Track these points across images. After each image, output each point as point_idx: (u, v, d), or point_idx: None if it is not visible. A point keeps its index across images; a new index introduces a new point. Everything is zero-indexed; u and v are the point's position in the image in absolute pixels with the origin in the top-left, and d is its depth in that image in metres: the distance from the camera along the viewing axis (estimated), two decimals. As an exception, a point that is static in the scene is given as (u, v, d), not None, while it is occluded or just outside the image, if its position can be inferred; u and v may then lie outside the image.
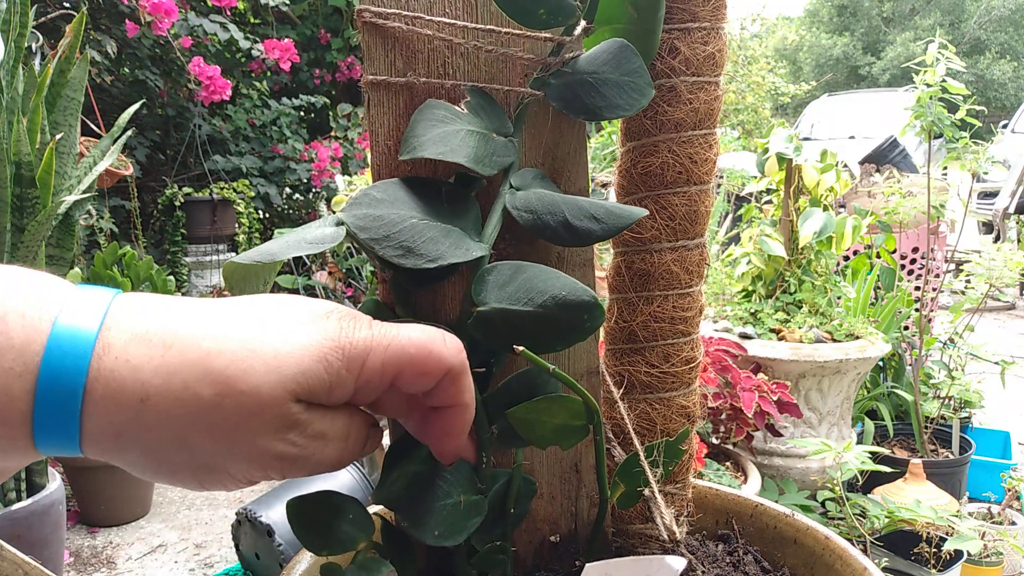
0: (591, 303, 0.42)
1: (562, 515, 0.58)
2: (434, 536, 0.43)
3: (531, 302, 0.42)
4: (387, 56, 0.48)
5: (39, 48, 2.17)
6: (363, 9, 0.47)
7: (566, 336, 0.43)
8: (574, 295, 0.42)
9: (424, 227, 0.42)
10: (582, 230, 0.45)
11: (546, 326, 0.42)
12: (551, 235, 0.45)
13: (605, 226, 0.45)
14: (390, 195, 0.43)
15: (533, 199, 0.46)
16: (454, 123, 0.45)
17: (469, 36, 0.49)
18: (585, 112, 0.48)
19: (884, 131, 4.32)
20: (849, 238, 1.84)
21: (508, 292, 0.43)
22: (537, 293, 0.42)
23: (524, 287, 0.43)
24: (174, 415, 0.30)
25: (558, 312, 0.42)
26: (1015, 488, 1.61)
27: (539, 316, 0.42)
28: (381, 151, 0.48)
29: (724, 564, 0.61)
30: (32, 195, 1.31)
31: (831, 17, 20.33)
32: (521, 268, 0.43)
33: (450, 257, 0.41)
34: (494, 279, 0.43)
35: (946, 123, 1.83)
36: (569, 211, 0.45)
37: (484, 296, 0.43)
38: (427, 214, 0.43)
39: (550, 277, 0.43)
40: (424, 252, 0.41)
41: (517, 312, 0.42)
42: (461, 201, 0.46)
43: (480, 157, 0.45)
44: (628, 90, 0.48)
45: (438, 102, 0.46)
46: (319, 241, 0.42)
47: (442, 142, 0.44)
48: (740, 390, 1.50)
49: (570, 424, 0.47)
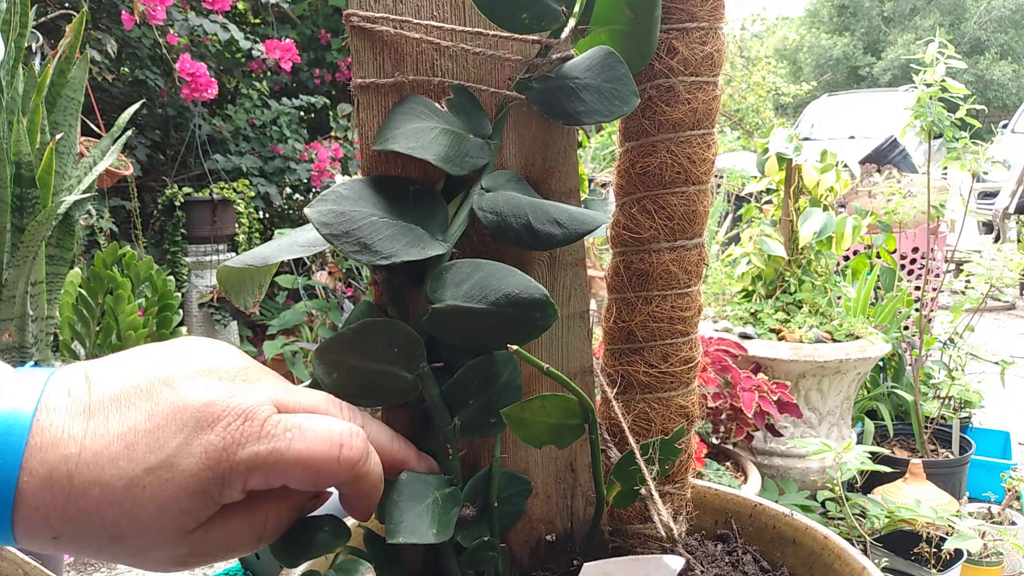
0: (543, 301, 0.42)
1: (558, 514, 0.58)
2: (433, 535, 0.43)
3: (484, 299, 0.43)
4: (375, 59, 0.48)
5: (39, 48, 2.17)
6: (351, 13, 0.47)
7: (518, 333, 0.44)
8: (526, 292, 0.43)
9: (383, 225, 0.43)
10: (543, 234, 0.46)
11: (497, 323, 0.43)
12: (514, 237, 0.46)
13: (566, 231, 0.46)
14: (356, 193, 0.44)
15: (500, 201, 0.47)
16: (429, 120, 0.46)
17: (457, 39, 0.49)
18: (563, 116, 0.49)
19: (884, 131, 4.32)
20: (849, 238, 1.84)
21: (464, 290, 0.43)
22: (491, 291, 0.43)
23: (479, 285, 0.43)
24: (85, 548, 0.34)
25: (510, 310, 0.43)
26: (1015, 488, 1.61)
27: (491, 313, 0.43)
28: (370, 154, 0.49)
29: (723, 564, 0.61)
30: (32, 195, 1.31)
31: (831, 17, 20.34)
32: (479, 266, 0.44)
33: (403, 255, 0.42)
34: (451, 277, 0.44)
35: (946, 123, 1.83)
36: (533, 215, 0.46)
37: (440, 293, 0.44)
38: (390, 213, 0.44)
39: (505, 275, 0.43)
40: (379, 249, 0.42)
41: (470, 309, 0.43)
42: (428, 201, 0.46)
43: (450, 156, 0.45)
44: (610, 97, 0.49)
45: (419, 97, 0.47)
46: (312, 244, 0.42)
47: (413, 137, 0.44)
48: (740, 390, 1.50)
49: (565, 423, 0.47)
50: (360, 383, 0.44)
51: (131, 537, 0.33)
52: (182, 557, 0.35)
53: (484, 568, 0.50)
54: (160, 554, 0.34)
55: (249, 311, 0.43)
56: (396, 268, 0.44)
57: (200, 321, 3.18)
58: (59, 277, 1.46)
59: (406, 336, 0.44)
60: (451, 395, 0.47)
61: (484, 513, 0.50)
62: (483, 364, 0.46)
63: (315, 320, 3.05)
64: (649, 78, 0.59)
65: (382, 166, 0.49)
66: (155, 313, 1.68)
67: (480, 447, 0.53)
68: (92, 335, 1.59)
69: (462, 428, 0.47)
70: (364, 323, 0.43)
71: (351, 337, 0.43)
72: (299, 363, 2.90)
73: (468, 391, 0.46)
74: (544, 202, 0.47)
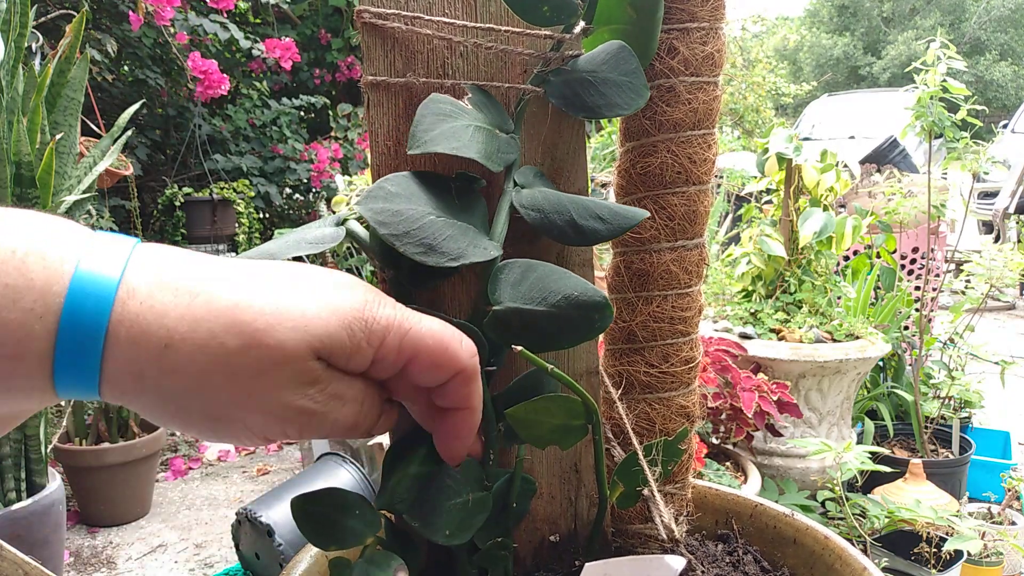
0: (602, 303, 0.42)
1: (562, 515, 0.58)
2: (445, 536, 0.43)
3: (544, 301, 0.42)
4: (386, 56, 0.48)
5: (39, 48, 2.17)
6: (362, 10, 0.47)
7: (577, 335, 0.43)
8: (586, 295, 0.42)
9: (442, 224, 0.42)
10: (588, 230, 0.45)
11: (559, 325, 0.43)
12: (558, 234, 0.45)
13: (610, 226, 0.46)
14: (404, 189, 0.43)
15: (539, 198, 0.46)
16: (461, 118, 0.45)
17: (468, 35, 0.49)
18: (584, 110, 0.48)
19: (884, 131, 4.32)
20: (849, 238, 1.84)
21: (522, 291, 0.43)
22: (550, 293, 0.42)
23: (537, 286, 0.43)
24: (197, 362, 0.30)
25: (571, 311, 0.42)
26: (1015, 488, 1.61)
27: (553, 316, 0.42)
28: (381, 151, 0.48)
29: (724, 564, 0.61)
30: (32, 195, 1.31)
31: (831, 17, 20.34)
32: (532, 267, 0.44)
33: (471, 256, 0.41)
34: (506, 278, 0.44)
35: (947, 123, 1.83)
36: (575, 211, 0.46)
37: (499, 295, 0.43)
38: (442, 211, 0.43)
39: (561, 276, 0.43)
40: (445, 250, 0.41)
41: (532, 311, 0.43)
42: (470, 198, 0.46)
43: (490, 153, 0.45)
44: (626, 90, 0.49)
45: (442, 96, 0.46)
46: (319, 241, 0.42)
47: (453, 137, 0.43)
48: (740, 390, 1.50)
49: (569, 424, 0.47)
50: None
51: (257, 349, 0.31)
52: (288, 416, 0.33)
53: (494, 567, 0.50)
54: (267, 398, 0.32)
55: None
56: (405, 267, 0.43)
57: (200, 321, 3.18)
58: (59, 277, 1.46)
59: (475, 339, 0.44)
60: (502, 402, 0.46)
61: (501, 514, 0.50)
62: (536, 375, 0.47)
63: (315, 320, 3.04)
64: (650, 78, 0.59)
65: (392, 164, 0.49)
66: (155, 313, 1.67)
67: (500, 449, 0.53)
68: (92, 335, 1.58)
69: (505, 434, 0.47)
70: None
71: None
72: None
73: (517, 399, 0.46)
74: (581, 198, 0.47)
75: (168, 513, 2.05)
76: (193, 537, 1.91)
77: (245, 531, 1.48)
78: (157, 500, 2.10)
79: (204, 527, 1.96)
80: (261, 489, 2.15)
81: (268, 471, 2.31)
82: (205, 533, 1.93)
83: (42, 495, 1.42)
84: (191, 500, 2.13)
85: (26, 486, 1.46)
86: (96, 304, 0.29)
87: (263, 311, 0.31)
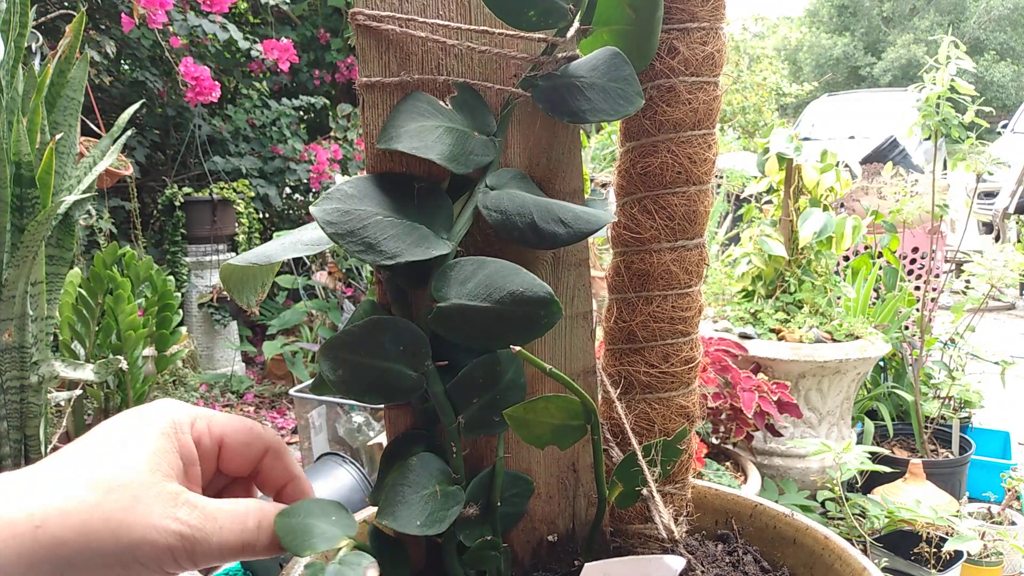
0: (547, 299, 0.42)
1: (560, 515, 0.58)
2: (416, 526, 0.43)
3: (489, 298, 0.43)
4: (381, 58, 0.48)
5: (39, 48, 2.17)
6: (357, 12, 0.47)
7: (523, 332, 0.44)
8: (531, 291, 0.43)
9: (388, 224, 0.43)
10: (547, 233, 0.46)
11: (503, 322, 0.43)
12: (518, 236, 0.46)
13: (571, 231, 0.46)
14: (361, 191, 0.44)
15: (504, 199, 0.47)
16: (433, 118, 0.46)
17: (463, 37, 0.49)
18: (569, 114, 0.48)
19: (884, 131, 4.32)
20: (849, 238, 1.84)
21: (468, 288, 0.43)
22: (496, 289, 0.43)
23: (484, 283, 0.43)
24: None
25: (515, 308, 0.43)
26: (1015, 488, 1.61)
27: (497, 312, 0.43)
28: (375, 152, 0.48)
29: (723, 564, 0.61)
30: (32, 195, 1.31)
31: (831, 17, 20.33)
32: (483, 264, 0.44)
33: (408, 255, 0.42)
34: (455, 275, 0.44)
35: (954, 123, 1.83)
36: (538, 213, 0.46)
37: (445, 292, 0.44)
38: (395, 211, 0.44)
39: (510, 273, 0.43)
40: (384, 249, 0.42)
41: (476, 308, 0.43)
42: (433, 199, 0.46)
43: (455, 155, 0.45)
44: (615, 96, 0.49)
45: (423, 95, 0.47)
46: (315, 243, 0.42)
47: (417, 137, 0.44)
48: (740, 390, 1.50)
49: (568, 424, 0.47)
50: (365, 380, 0.44)
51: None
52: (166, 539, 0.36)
53: (486, 567, 0.50)
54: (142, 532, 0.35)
55: (251, 309, 0.43)
56: (400, 267, 0.44)
57: (200, 321, 3.18)
58: (59, 277, 1.46)
59: (411, 334, 0.44)
60: (455, 393, 0.47)
61: (487, 513, 0.50)
62: (487, 363, 0.46)
63: (315, 320, 3.05)
64: (650, 78, 0.59)
65: (387, 164, 0.49)
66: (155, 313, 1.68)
67: (484, 447, 0.53)
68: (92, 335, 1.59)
69: (466, 426, 0.47)
70: (370, 320, 0.43)
71: (357, 334, 0.43)
72: (299, 363, 2.90)
73: (472, 389, 0.46)
74: (549, 201, 0.47)
75: (168, 513, 2.04)
76: (193, 537, 1.91)
77: (245, 531, 1.48)
78: (157, 500, 2.09)
79: (204, 527, 1.96)
80: (261, 489, 2.15)
81: (268, 471, 2.31)
82: (205, 533, 1.93)
83: (42, 495, 1.42)
84: (191, 500, 2.12)
85: (26, 486, 1.46)
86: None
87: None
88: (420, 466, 0.45)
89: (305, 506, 0.43)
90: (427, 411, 0.48)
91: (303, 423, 2.00)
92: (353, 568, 0.40)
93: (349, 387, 0.43)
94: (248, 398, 2.96)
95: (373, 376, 0.44)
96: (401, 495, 0.44)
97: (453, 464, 0.47)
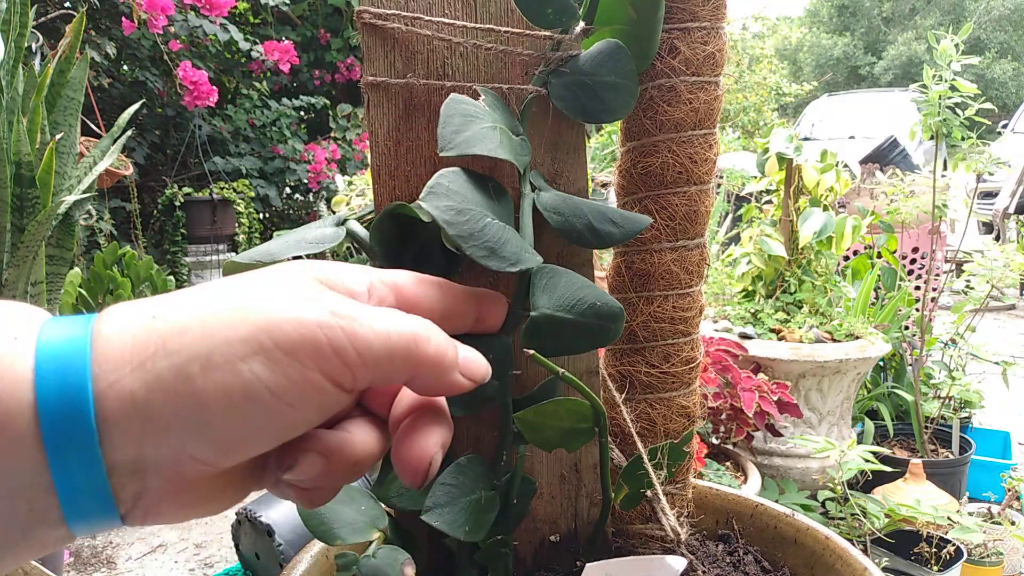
0: (619, 313, 0.44)
1: (562, 515, 0.58)
2: (465, 532, 0.43)
3: (573, 310, 0.44)
4: (386, 57, 0.48)
5: (39, 48, 2.17)
6: (362, 10, 0.47)
7: (594, 342, 0.45)
8: (608, 306, 0.44)
9: (499, 228, 0.41)
10: (604, 233, 0.47)
11: (581, 333, 0.44)
12: (576, 237, 0.47)
13: (623, 230, 0.48)
14: (459, 187, 0.42)
15: (558, 201, 0.47)
16: (485, 119, 0.45)
17: (469, 36, 0.49)
18: (583, 114, 0.49)
19: (884, 131, 4.32)
20: (849, 238, 1.84)
21: (555, 299, 0.44)
22: (578, 301, 0.44)
23: (566, 295, 0.44)
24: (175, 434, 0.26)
25: (593, 320, 0.44)
26: (1015, 488, 1.61)
27: (578, 324, 0.44)
28: (381, 151, 0.48)
29: (724, 564, 0.61)
30: (32, 195, 1.31)
31: (831, 17, 20.33)
32: (557, 273, 0.45)
33: (526, 262, 0.41)
34: (538, 283, 0.44)
35: (956, 123, 1.83)
36: (592, 215, 0.47)
37: (536, 300, 0.44)
38: (494, 214, 0.43)
39: (583, 286, 0.45)
40: (506, 255, 0.41)
41: (562, 319, 0.44)
42: (504, 201, 0.46)
43: (515, 154, 0.45)
44: (623, 93, 0.49)
45: (462, 97, 0.45)
46: (319, 241, 0.42)
47: (487, 139, 0.43)
48: (740, 390, 1.50)
49: (576, 427, 0.47)
50: None
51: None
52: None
53: (495, 565, 0.50)
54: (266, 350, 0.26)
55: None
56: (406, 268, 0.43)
57: (200, 321, 3.18)
58: (59, 277, 1.46)
59: (501, 344, 0.44)
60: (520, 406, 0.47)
61: (503, 512, 0.50)
62: (552, 383, 0.49)
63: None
64: (651, 78, 0.59)
65: (392, 164, 0.49)
66: (155, 313, 1.67)
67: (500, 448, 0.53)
68: (92, 335, 1.58)
69: (516, 436, 0.48)
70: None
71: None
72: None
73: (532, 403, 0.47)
74: (592, 202, 0.49)
75: (168, 513, 2.04)
76: (193, 537, 1.91)
77: (245, 531, 1.48)
78: (157, 500, 2.10)
79: (204, 527, 1.96)
80: (261, 489, 2.15)
81: (268, 471, 2.32)
82: (205, 533, 1.93)
83: (42, 495, 1.42)
84: (191, 500, 2.13)
85: (26, 486, 1.46)
86: (71, 341, 0.25)
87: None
88: (469, 468, 0.45)
89: None
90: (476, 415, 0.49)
91: (303, 423, 2.00)
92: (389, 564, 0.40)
93: None
94: (248, 398, 2.95)
95: None
96: (451, 496, 0.43)
97: (498, 471, 0.48)
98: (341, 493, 0.42)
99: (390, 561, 0.41)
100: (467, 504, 0.44)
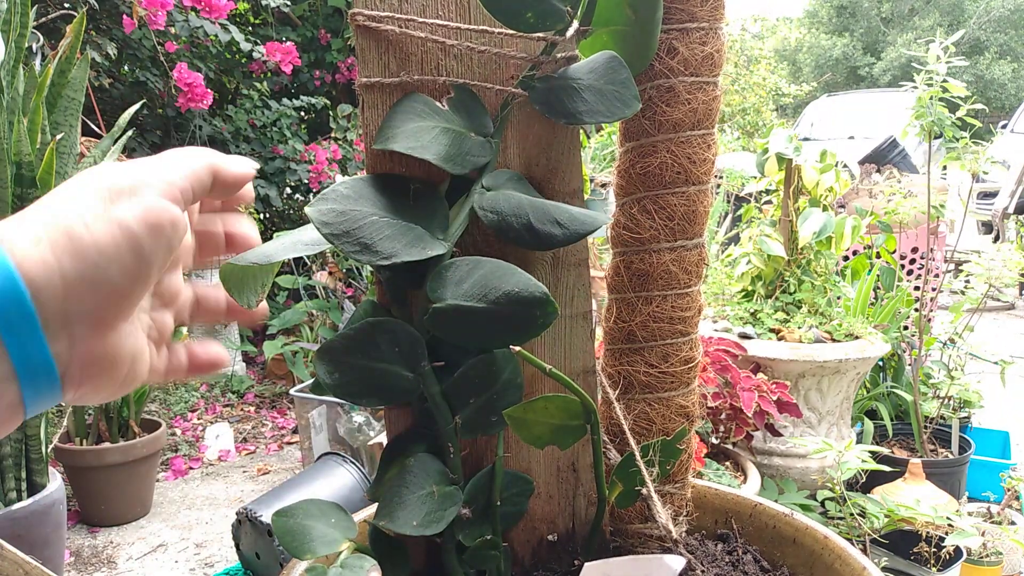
0: (543, 299, 0.42)
1: (560, 514, 0.58)
2: (412, 527, 0.43)
3: (485, 298, 0.43)
4: (381, 58, 0.48)
5: (39, 48, 2.17)
6: (356, 12, 0.47)
7: (518, 332, 0.44)
8: (527, 291, 0.43)
9: (383, 224, 0.42)
10: (544, 234, 0.46)
11: (499, 322, 0.43)
12: (514, 237, 0.46)
13: (567, 231, 0.46)
14: (357, 192, 0.44)
15: (500, 200, 0.47)
16: (430, 119, 0.46)
17: (462, 37, 0.49)
18: (565, 115, 0.49)
19: (884, 131, 4.32)
20: (849, 238, 1.84)
21: (464, 289, 0.44)
22: (491, 289, 0.43)
23: (480, 284, 0.43)
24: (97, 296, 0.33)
25: (511, 308, 0.43)
26: (1014, 488, 1.61)
27: (493, 312, 0.43)
28: (373, 153, 0.49)
29: (723, 563, 0.61)
30: (33, 195, 1.31)
31: (830, 18, 20.33)
32: (479, 264, 0.44)
33: (403, 255, 0.42)
34: (451, 276, 0.44)
35: (947, 123, 1.83)
36: (534, 214, 0.46)
37: (440, 292, 0.44)
38: (391, 212, 0.44)
39: (505, 273, 0.43)
40: (379, 249, 0.42)
41: (471, 308, 0.43)
42: (429, 200, 0.46)
43: (451, 156, 0.45)
44: (611, 98, 0.49)
45: (420, 95, 0.47)
46: (316, 242, 0.42)
47: (414, 137, 0.44)
48: (740, 390, 1.50)
49: (568, 424, 0.47)
50: (362, 382, 0.44)
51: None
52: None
53: (486, 567, 0.50)
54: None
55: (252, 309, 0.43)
56: (398, 267, 0.44)
57: (200, 321, 3.18)
58: (60, 277, 1.46)
59: (408, 336, 0.44)
60: (452, 394, 0.47)
61: (486, 512, 0.50)
62: (483, 363, 0.46)
63: (315, 320, 3.05)
64: (649, 78, 0.59)
65: (385, 164, 0.49)
66: (155, 313, 1.67)
67: (483, 447, 0.53)
68: (92, 335, 1.58)
69: (463, 427, 0.47)
70: (366, 323, 0.43)
71: (353, 337, 0.43)
72: (299, 363, 2.90)
73: (469, 390, 0.47)
74: (545, 202, 0.47)
75: (168, 513, 2.05)
76: (193, 537, 1.91)
77: (245, 531, 1.48)
78: (157, 500, 2.10)
79: (204, 527, 1.96)
80: (261, 489, 2.15)
81: (268, 471, 2.31)
82: (205, 533, 1.93)
83: (43, 495, 1.43)
84: (191, 500, 2.13)
85: (27, 486, 1.46)
86: None
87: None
88: (417, 467, 0.46)
89: (304, 507, 0.43)
90: (426, 411, 0.48)
91: (304, 423, 2.01)
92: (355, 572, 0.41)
93: (346, 390, 0.43)
94: (249, 398, 2.96)
95: (370, 378, 0.44)
96: (398, 496, 0.44)
97: (451, 465, 0.47)
98: (313, 508, 0.43)
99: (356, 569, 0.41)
100: (416, 500, 0.44)
